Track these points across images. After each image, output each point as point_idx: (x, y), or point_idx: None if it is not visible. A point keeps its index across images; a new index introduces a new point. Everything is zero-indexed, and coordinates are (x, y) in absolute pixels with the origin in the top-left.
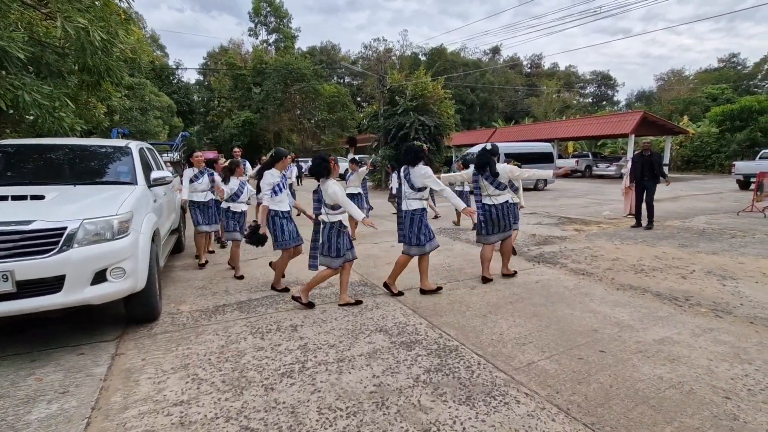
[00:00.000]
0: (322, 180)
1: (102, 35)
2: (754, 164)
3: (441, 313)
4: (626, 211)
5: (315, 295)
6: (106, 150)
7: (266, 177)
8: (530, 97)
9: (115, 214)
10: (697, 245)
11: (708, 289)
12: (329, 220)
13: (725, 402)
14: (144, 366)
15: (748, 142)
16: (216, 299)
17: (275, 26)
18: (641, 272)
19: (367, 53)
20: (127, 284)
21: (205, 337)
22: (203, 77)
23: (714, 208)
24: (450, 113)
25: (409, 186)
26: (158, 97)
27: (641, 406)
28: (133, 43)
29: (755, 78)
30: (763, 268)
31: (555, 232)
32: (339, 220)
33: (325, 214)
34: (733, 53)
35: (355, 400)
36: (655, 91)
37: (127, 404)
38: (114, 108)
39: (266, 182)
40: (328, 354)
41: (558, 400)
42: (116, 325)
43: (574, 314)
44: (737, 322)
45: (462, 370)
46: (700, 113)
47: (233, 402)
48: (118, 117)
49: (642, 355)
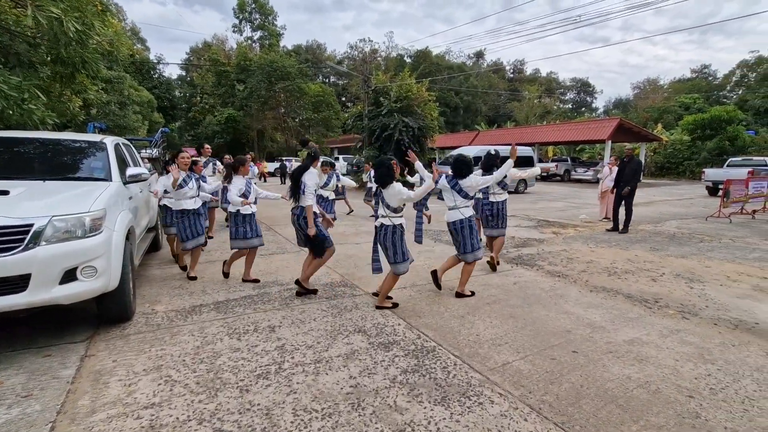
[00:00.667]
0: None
1: (77, 26)
2: (722, 172)
3: (420, 314)
4: (602, 215)
5: (294, 296)
6: (79, 145)
7: (310, 177)
8: (512, 102)
9: (87, 211)
10: (668, 249)
11: (676, 291)
12: (392, 223)
13: (689, 401)
14: (115, 368)
15: (717, 151)
16: (193, 299)
17: (260, 23)
18: (614, 275)
19: (352, 53)
20: (98, 283)
21: (180, 338)
22: (185, 73)
23: (684, 213)
24: (434, 115)
25: (385, 206)
26: (138, 92)
27: (610, 405)
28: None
29: (724, 89)
30: (727, 271)
31: (534, 234)
32: (401, 223)
33: (387, 217)
34: (704, 64)
35: (331, 402)
36: (632, 99)
37: (95, 407)
38: (90, 102)
39: (311, 182)
40: (306, 355)
41: (530, 400)
42: (87, 326)
43: (549, 315)
44: (702, 323)
45: (438, 370)
46: (673, 121)
47: (207, 404)
48: (95, 111)
49: (612, 355)
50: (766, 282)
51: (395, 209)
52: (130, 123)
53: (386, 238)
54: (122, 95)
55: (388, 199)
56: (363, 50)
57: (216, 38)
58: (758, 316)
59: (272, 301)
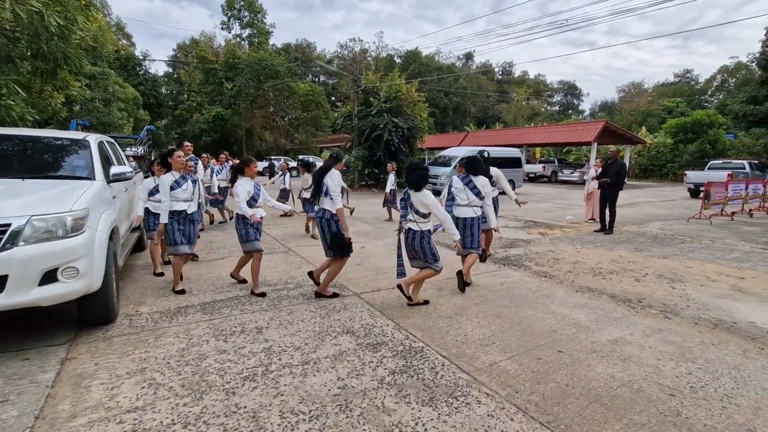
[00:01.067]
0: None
1: (58, 20)
2: (703, 174)
3: (408, 315)
4: (588, 216)
5: (283, 296)
6: (61, 142)
7: (333, 179)
8: (501, 104)
9: (69, 211)
10: (651, 250)
11: (659, 291)
12: (420, 229)
13: (670, 399)
14: (97, 371)
15: (698, 153)
16: (178, 300)
17: (249, 21)
18: (599, 275)
19: (342, 53)
20: (80, 284)
21: (165, 340)
22: (172, 70)
23: (667, 215)
24: (423, 116)
25: (414, 211)
26: (123, 89)
27: (594, 404)
28: (94, 30)
29: (706, 93)
30: (707, 271)
31: (521, 235)
32: (428, 229)
33: (416, 222)
34: (687, 69)
35: (318, 403)
36: (617, 102)
37: (76, 412)
38: (73, 98)
39: (334, 184)
40: (293, 356)
41: (517, 400)
42: (68, 328)
43: (536, 315)
44: (684, 323)
45: (426, 371)
46: (656, 125)
47: (192, 407)
48: (78, 108)
49: (597, 355)
50: (744, 282)
51: (424, 215)
52: (114, 120)
53: (415, 242)
54: (107, 92)
55: (417, 204)
56: (353, 50)
57: (204, 35)
58: (736, 315)
59: (260, 301)
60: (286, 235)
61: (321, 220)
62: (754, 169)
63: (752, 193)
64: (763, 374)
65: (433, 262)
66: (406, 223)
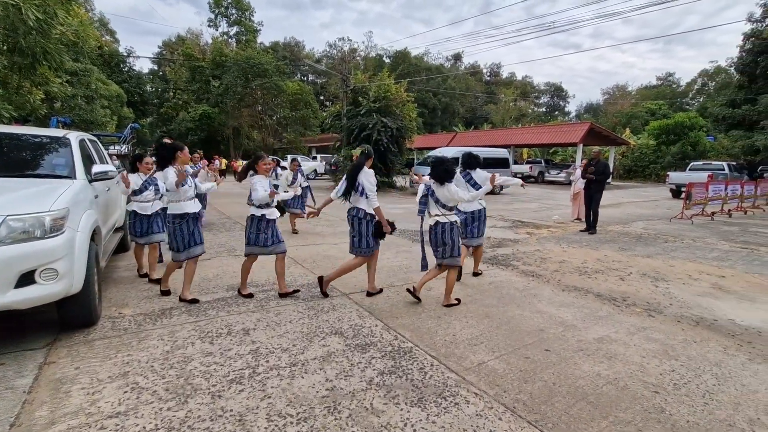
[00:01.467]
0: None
1: (37, 14)
2: (684, 175)
3: (397, 315)
4: (574, 216)
5: (270, 297)
6: (40, 140)
7: (367, 177)
8: (489, 104)
9: (48, 211)
10: (635, 249)
11: (643, 290)
12: (448, 220)
13: (654, 396)
14: (77, 375)
15: (680, 155)
16: (163, 302)
17: (236, 18)
18: (585, 274)
19: (331, 52)
20: (59, 287)
21: (149, 343)
22: (158, 67)
23: (650, 215)
24: (412, 116)
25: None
26: (106, 85)
27: (581, 402)
28: (76, 25)
29: (687, 96)
30: (689, 270)
31: (509, 235)
32: (455, 220)
33: (443, 215)
34: (669, 72)
35: (306, 406)
36: (602, 104)
37: (55, 418)
38: (54, 95)
39: (368, 182)
40: (281, 358)
41: (505, 399)
42: (47, 332)
43: (524, 315)
44: (667, 321)
45: (415, 371)
46: (640, 126)
47: (176, 411)
48: (59, 105)
49: (583, 353)
50: (724, 280)
51: (450, 207)
52: (97, 118)
53: (445, 234)
54: (89, 89)
55: (442, 199)
56: (342, 49)
57: (190, 32)
58: (716, 313)
59: (247, 303)
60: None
61: (354, 218)
62: (733, 170)
63: (731, 193)
64: (742, 371)
65: (454, 256)
66: (430, 218)
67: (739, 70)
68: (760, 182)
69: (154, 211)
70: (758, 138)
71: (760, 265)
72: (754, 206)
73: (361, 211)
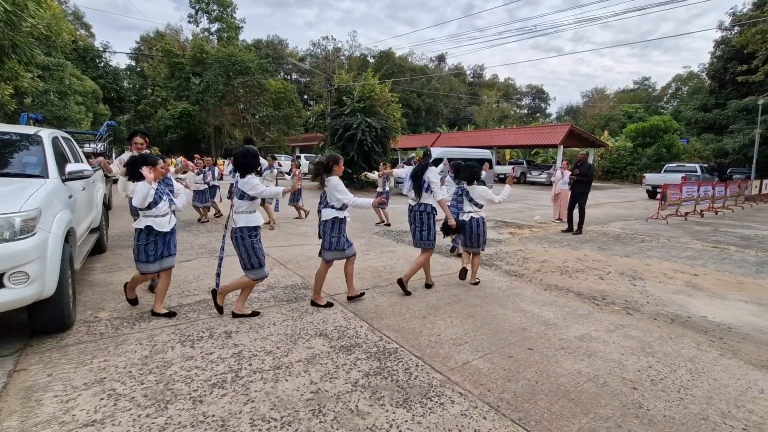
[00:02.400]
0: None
1: (5, 5)
2: (660, 176)
3: (382, 316)
4: (555, 216)
5: (253, 299)
6: (9, 137)
7: (433, 175)
8: (472, 105)
9: (17, 211)
10: (613, 249)
11: (621, 288)
12: (480, 216)
13: (632, 392)
14: (50, 383)
15: (655, 157)
16: (141, 305)
17: (218, 15)
18: (565, 273)
19: (315, 51)
20: (31, 290)
21: (127, 347)
22: (135, 63)
23: (627, 215)
24: (396, 116)
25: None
26: (81, 81)
27: (562, 400)
28: (48, 18)
29: (662, 100)
30: (665, 269)
31: (492, 235)
32: (484, 216)
33: (476, 212)
34: (645, 77)
35: (290, 409)
36: (581, 107)
37: (25, 428)
38: (24, 90)
39: (435, 179)
40: (264, 361)
41: (489, 398)
42: (17, 337)
43: (507, 314)
44: (644, 318)
45: (401, 372)
46: (618, 129)
47: (155, 418)
48: (29, 100)
49: (564, 351)
50: (697, 279)
51: (481, 205)
52: (71, 115)
53: (479, 228)
54: (62, 84)
55: (476, 198)
56: (326, 48)
57: (170, 28)
58: (690, 310)
59: (229, 305)
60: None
61: (421, 213)
62: (705, 172)
63: (703, 194)
64: (714, 365)
65: (484, 243)
66: (465, 214)
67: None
68: (730, 184)
69: (172, 228)
70: (727, 141)
71: (730, 264)
72: (724, 207)
73: (429, 206)
